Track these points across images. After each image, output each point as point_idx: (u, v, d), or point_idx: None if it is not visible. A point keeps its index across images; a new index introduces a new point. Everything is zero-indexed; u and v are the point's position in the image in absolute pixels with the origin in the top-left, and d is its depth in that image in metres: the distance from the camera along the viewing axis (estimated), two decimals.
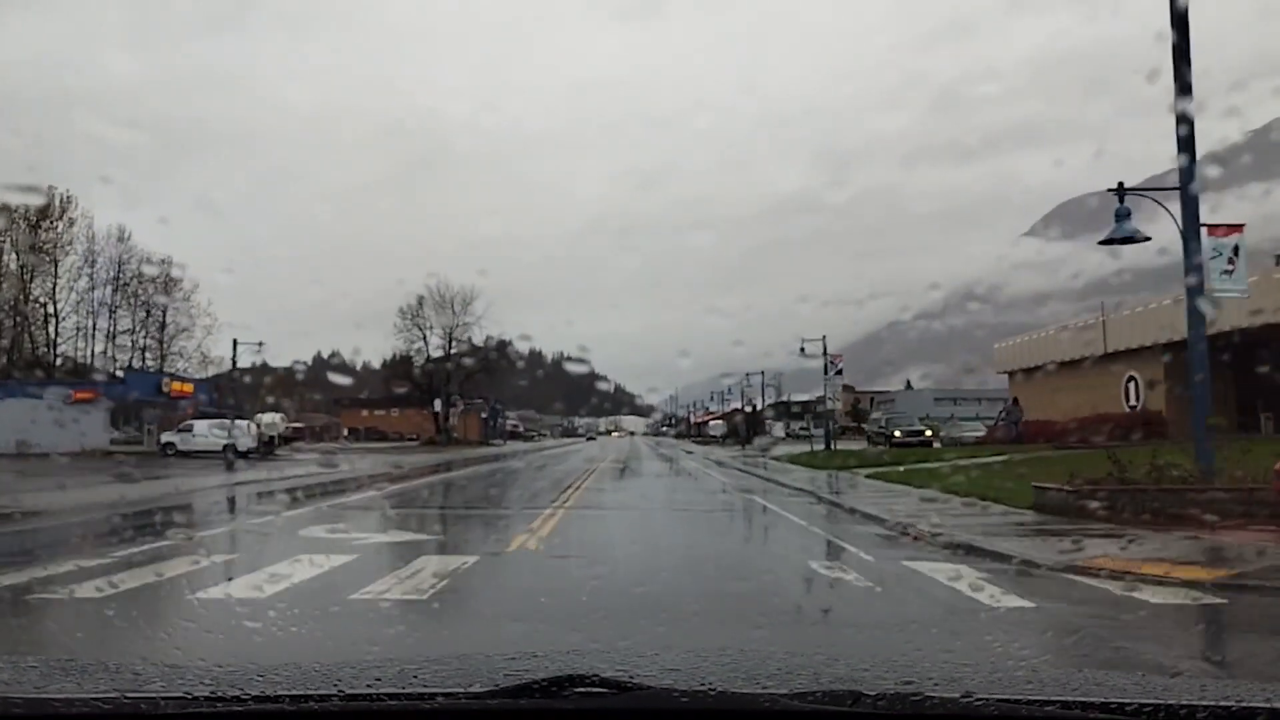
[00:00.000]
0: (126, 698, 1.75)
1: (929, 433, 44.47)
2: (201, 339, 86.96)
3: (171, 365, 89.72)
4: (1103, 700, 1.75)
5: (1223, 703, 1.73)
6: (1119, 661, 6.28)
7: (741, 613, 8.01)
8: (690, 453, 58.10)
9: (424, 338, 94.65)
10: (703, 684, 1.79)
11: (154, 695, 1.76)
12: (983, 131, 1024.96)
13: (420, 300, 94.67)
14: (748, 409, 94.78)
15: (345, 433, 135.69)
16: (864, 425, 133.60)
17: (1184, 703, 1.72)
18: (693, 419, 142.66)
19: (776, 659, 2.18)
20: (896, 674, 1.98)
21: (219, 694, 1.75)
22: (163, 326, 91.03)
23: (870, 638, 7.12)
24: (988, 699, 1.76)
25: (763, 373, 59.07)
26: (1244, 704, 1.73)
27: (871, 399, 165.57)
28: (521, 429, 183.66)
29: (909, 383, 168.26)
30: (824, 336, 42.60)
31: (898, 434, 43.59)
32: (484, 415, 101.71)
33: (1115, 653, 6.65)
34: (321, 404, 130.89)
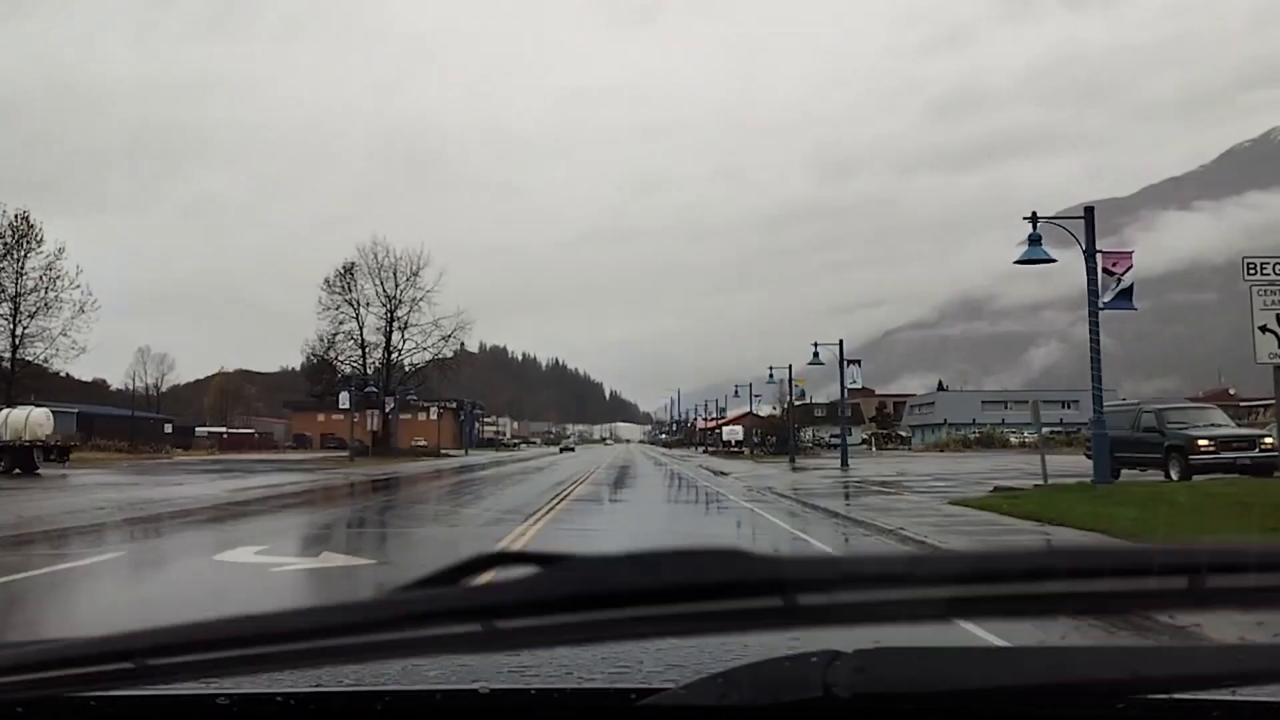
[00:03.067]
0: (127, 695, 1.61)
1: (1268, 440, 19.72)
2: (70, 318, 62.34)
3: (28, 351, 65.53)
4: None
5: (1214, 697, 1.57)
6: None
7: None
8: (722, 474, 34.42)
9: (357, 316, 69.70)
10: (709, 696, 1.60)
11: (154, 693, 1.61)
12: (979, 140, 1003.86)
13: (352, 267, 69.73)
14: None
15: (290, 439, 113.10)
16: (900, 432, 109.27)
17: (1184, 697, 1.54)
18: (700, 424, 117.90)
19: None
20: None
21: (220, 691, 1.64)
22: (15, 301, 65.89)
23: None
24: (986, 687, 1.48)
25: (841, 344, 34.68)
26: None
27: (895, 402, 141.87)
28: (506, 436, 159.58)
29: (941, 383, 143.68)
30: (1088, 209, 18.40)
31: (1203, 443, 19.34)
32: (435, 417, 76.72)
33: None
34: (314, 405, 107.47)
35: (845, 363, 36.70)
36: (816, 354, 37.84)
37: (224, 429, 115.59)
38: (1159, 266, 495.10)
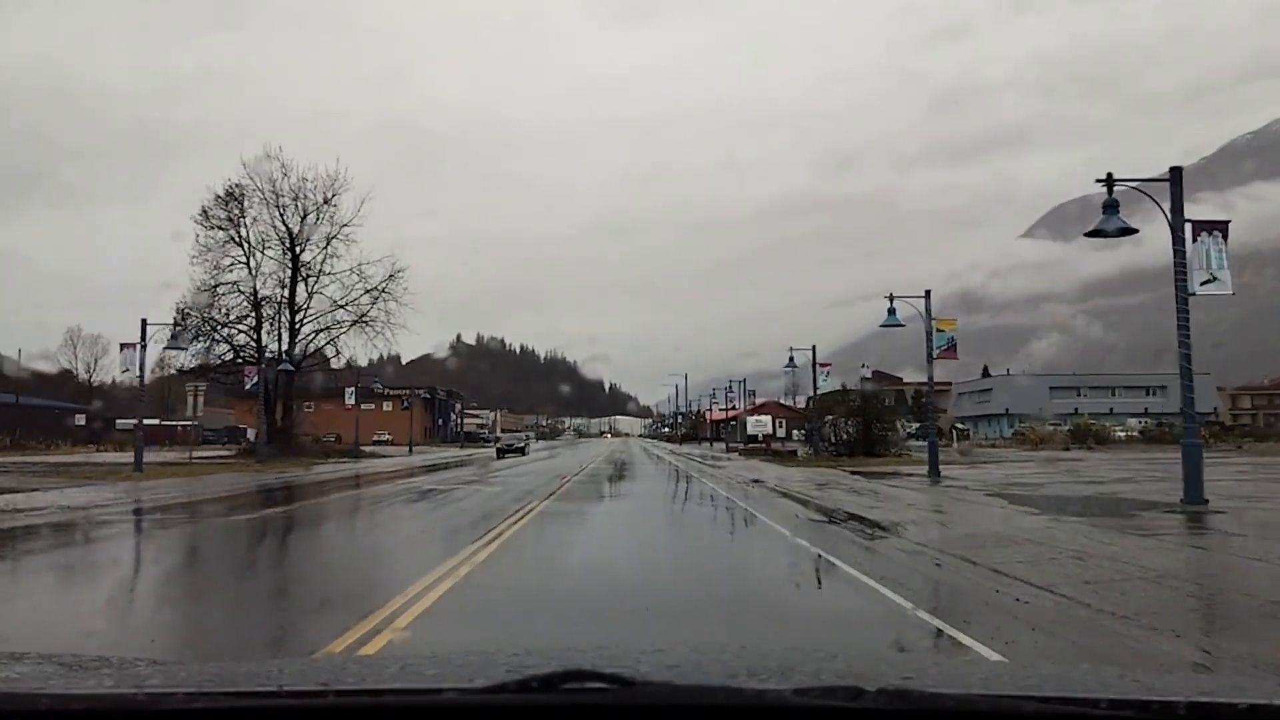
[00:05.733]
0: (127, 693, 1.68)
1: None
2: None
3: None
4: (1106, 697, 1.63)
5: (1223, 700, 1.64)
6: None
7: None
8: (879, 531, 12.23)
9: (248, 260, 47.20)
10: (704, 679, 1.72)
11: (155, 690, 1.67)
12: (980, 133, 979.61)
13: (239, 192, 47.13)
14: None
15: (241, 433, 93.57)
16: (957, 424, 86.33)
17: (1186, 699, 1.59)
18: (709, 417, 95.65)
19: (777, 655, 2.11)
20: (896, 669, 1.90)
21: (222, 689, 1.67)
22: None
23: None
24: (987, 694, 1.65)
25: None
26: (1249, 703, 1.60)
27: (928, 390, 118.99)
28: (491, 430, 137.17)
29: (985, 369, 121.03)
30: None
31: None
32: (351, 403, 54.60)
33: None
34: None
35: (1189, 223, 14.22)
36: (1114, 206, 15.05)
37: (143, 421, 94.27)
38: (1163, 257, 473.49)
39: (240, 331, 48.29)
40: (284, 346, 48.27)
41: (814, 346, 39.83)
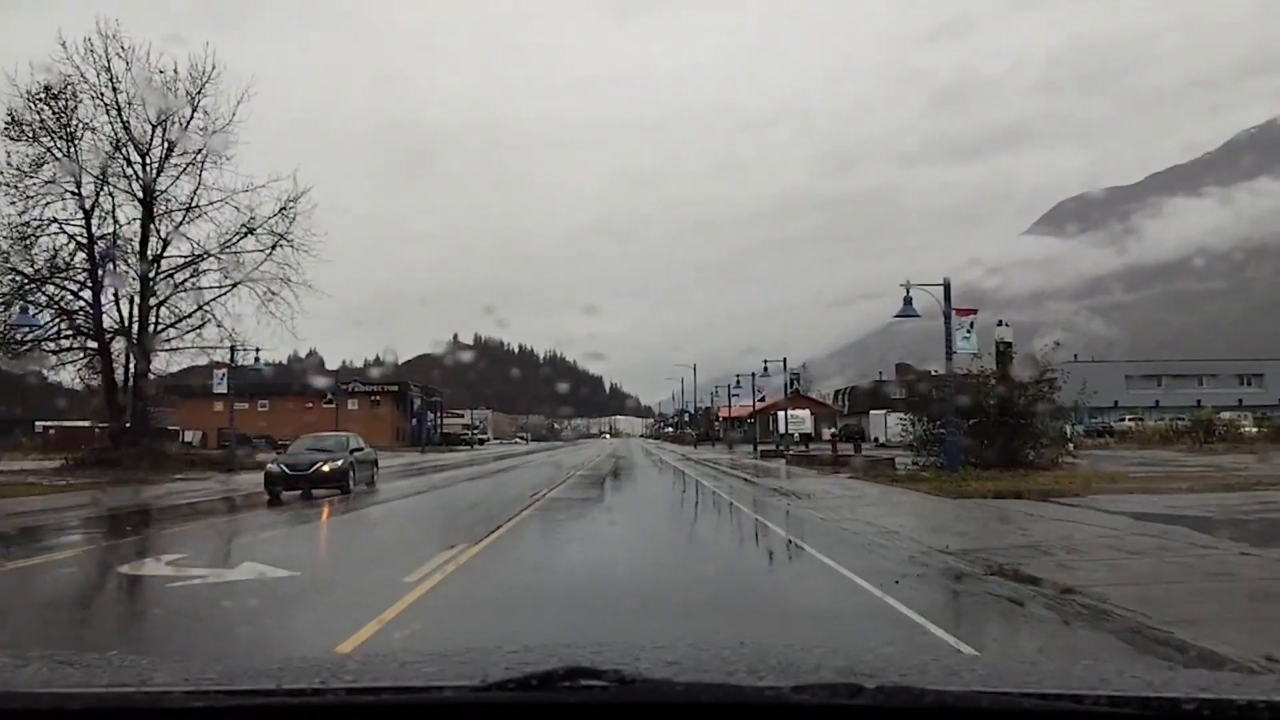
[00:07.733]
0: (127, 691, 1.66)
1: None
2: None
3: None
4: (1106, 694, 1.61)
5: (1224, 697, 1.61)
6: None
7: None
8: None
9: (79, 187, 31.00)
10: (703, 677, 1.71)
11: (156, 688, 1.66)
12: (981, 129, 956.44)
13: (68, 90, 30.61)
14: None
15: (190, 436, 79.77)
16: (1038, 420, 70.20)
17: (1187, 696, 1.57)
18: (727, 412, 79.98)
19: (777, 652, 2.10)
20: (896, 667, 1.91)
21: (221, 687, 1.65)
22: None
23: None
24: (986, 691, 1.63)
25: None
26: (1248, 699, 1.57)
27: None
28: (479, 430, 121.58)
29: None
30: None
31: None
32: (223, 386, 38.38)
33: None
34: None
35: None
36: None
37: (53, 424, 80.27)
38: (1166, 254, 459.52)
39: (69, 291, 32.53)
40: (131, 312, 32.54)
41: (947, 281, 24.11)
